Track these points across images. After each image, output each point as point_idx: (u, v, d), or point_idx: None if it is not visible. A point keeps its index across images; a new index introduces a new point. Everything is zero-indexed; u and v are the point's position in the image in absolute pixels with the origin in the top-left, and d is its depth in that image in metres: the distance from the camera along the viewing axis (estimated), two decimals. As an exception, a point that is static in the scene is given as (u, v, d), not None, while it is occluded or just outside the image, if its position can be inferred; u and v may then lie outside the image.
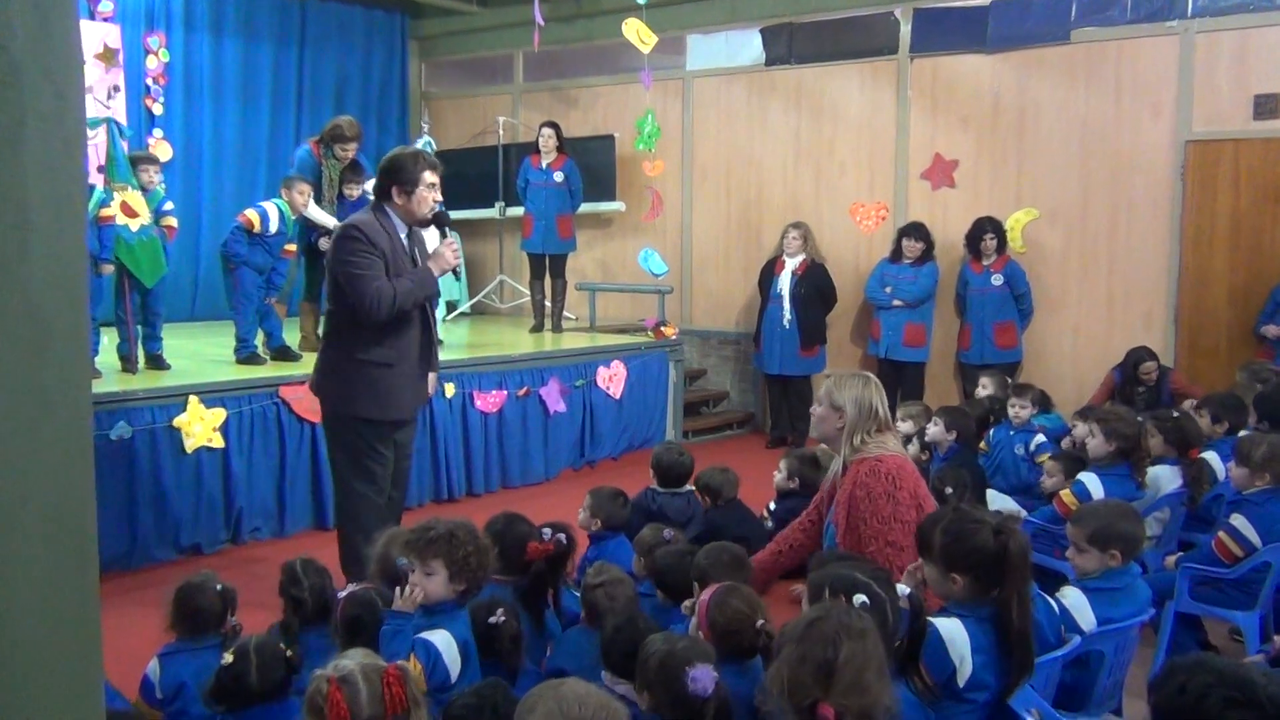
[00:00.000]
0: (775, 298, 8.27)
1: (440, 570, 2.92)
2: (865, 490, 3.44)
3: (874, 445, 3.53)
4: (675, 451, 5.06)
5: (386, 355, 4.25)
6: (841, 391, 3.63)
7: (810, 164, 9.00)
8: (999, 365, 7.77)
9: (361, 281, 4.11)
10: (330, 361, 4.33)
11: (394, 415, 4.33)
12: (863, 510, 3.43)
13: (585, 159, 9.18)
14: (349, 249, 4.14)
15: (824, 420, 3.67)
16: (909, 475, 3.48)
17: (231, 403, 5.63)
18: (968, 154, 8.25)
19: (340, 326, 4.27)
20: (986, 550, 2.68)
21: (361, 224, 4.18)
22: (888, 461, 3.48)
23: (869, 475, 3.46)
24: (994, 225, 7.82)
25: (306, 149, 7.01)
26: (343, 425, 4.33)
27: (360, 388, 4.25)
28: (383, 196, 4.26)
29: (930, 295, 8.04)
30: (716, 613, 2.78)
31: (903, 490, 3.38)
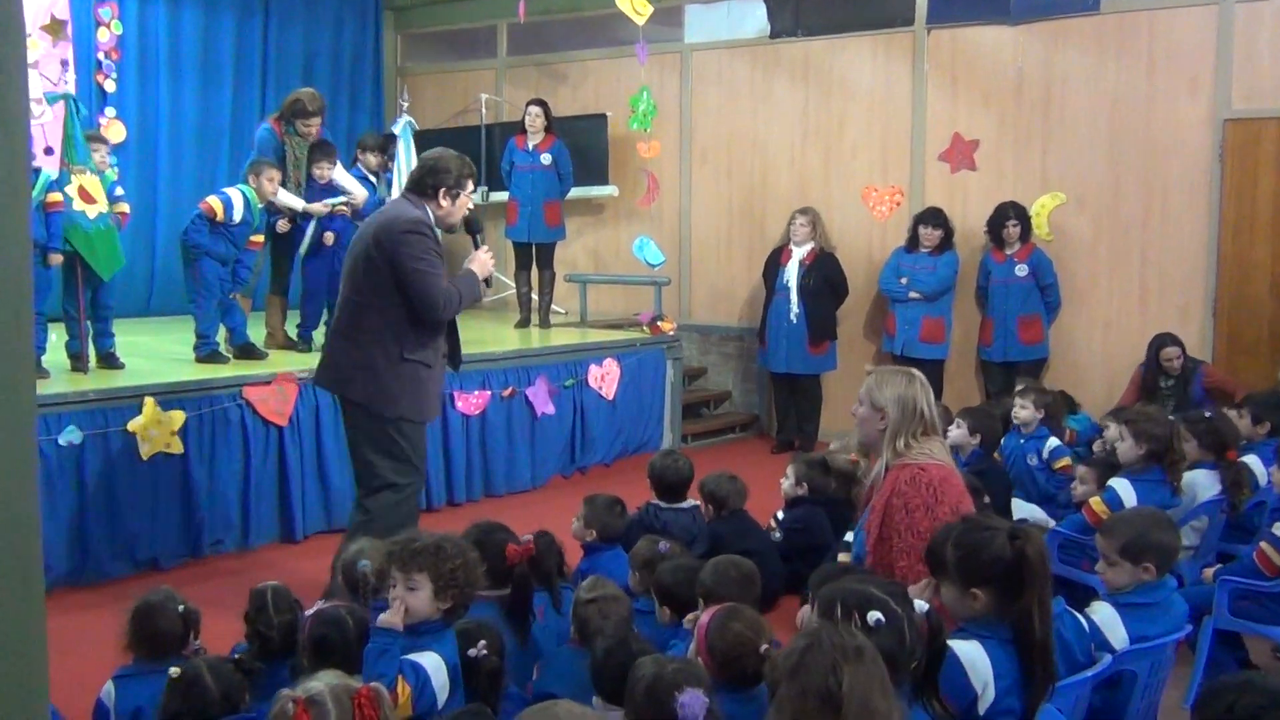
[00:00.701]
0: (781, 290, 8.27)
1: (425, 585, 2.91)
2: (903, 500, 3.42)
3: (918, 451, 3.50)
4: (673, 460, 5.06)
5: (428, 356, 4.50)
6: (882, 389, 3.61)
7: (819, 145, 9.00)
8: (1024, 363, 7.78)
9: (433, 281, 4.35)
10: (367, 360, 4.44)
11: (431, 416, 4.68)
12: (898, 522, 3.41)
13: (575, 140, 9.17)
14: (421, 246, 4.35)
15: (865, 421, 3.66)
16: (953, 489, 3.46)
17: (191, 405, 5.61)
18: (989, 134, 8.26)
19: (383, 324, 4.41)
20: (1004, 559, 2.68)
21: (425, 222, 4.43)
22: (931, 471, 3.45)
23: (909, 484, 3.44)
24: (1018, 211, 7.83)
25: (267, 128, 6.98)
26: (379, 425, 4.47)
27: (404, 388, 4.44)
28: (423, 195, 4.50)
29: (949, 287, 8.05)
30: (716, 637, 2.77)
31: (944, 505, 3.36)
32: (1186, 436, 4.84)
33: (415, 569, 2.91)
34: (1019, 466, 5.82)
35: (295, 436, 5.97)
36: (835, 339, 8.41)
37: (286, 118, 6.94)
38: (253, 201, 6.38)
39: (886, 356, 8.34)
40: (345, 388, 4.51)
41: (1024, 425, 5.87)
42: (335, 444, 6.07)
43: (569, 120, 9.62)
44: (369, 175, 7.41)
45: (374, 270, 4.40)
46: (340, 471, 6.08)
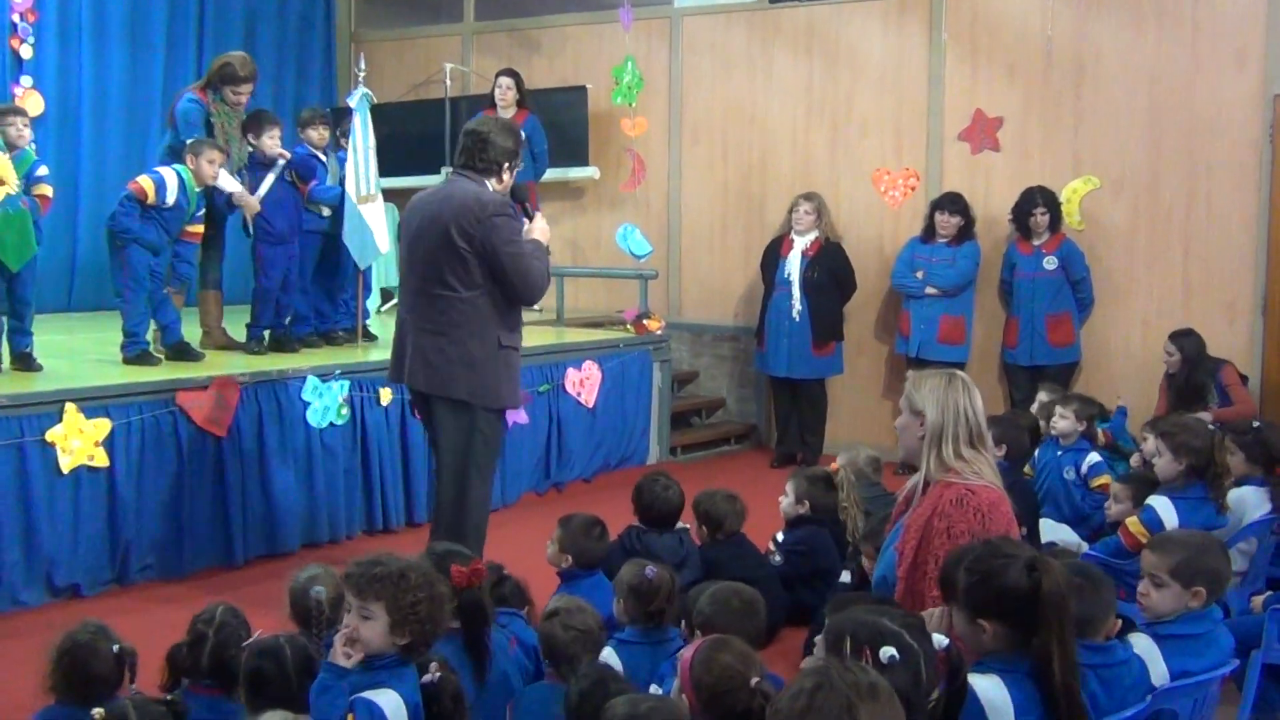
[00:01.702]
0: (782, 284, 8.29)
1: (380, 615, 2.89)
2: (947, 523, 3.40)
3: (967, 469, 3.49)
4: (663, 488, 5.06)
5: (518, 340, 4.91)
6: (920, 391, 3.60)
7: (824, 122, 9.03)
8: (1052, 367, 7.81)
9: (529, 261, 4.71)
10: (465, 355, 4.76)
11: (519, 401, 5.16)
12: (936, 547, 3.38)
13: (551, 115, 9.17)
14: (512, 229, 4.69)
15: (905, 430, 3.65)
16: (1002, 517, 3.44)
17: (118, 412, 5.59)
18: (1015, 111, 8.29)
19: (475, 314, 4.73)
20: (1017, 590, 2.68)
21: (509, 203, 4.78)
22: (981, 495, 3.43)
23: (955, 506, 3.42)
24: (1047, 197, 7.87)
25: (192, 98, 6.89)
26: (480, 419, 4.81)
27: (504, 376, 4.84)
28: (480, 171, 4.80)
29: (970, 281, 8.08)
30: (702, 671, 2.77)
31: (990, 535, 3.35)
32: (1231, 449, 4.86)
33: (372, 596, 2.89)
34: (1053, 481, 5.85)
35: (235, 449, 5.95)
36: (842, 339, 8.43)
37: (214, 85, 6.91)
38: (189, 184, 6.35)
39: (899, 359, 8.37)
40: (448, 387, 4.79)
41: (1063, 436, 5.90)
42: (279, 457, 6.06)
43: (544, 93, 9.62)
44: (316, 153, 7.38)
45: (459, 259, 4.68)
46: (285, 488, 6.08)
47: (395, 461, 6.67)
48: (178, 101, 7.01)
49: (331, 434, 6.35)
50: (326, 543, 6.33)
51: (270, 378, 6.15)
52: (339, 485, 6.40)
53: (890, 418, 8.56)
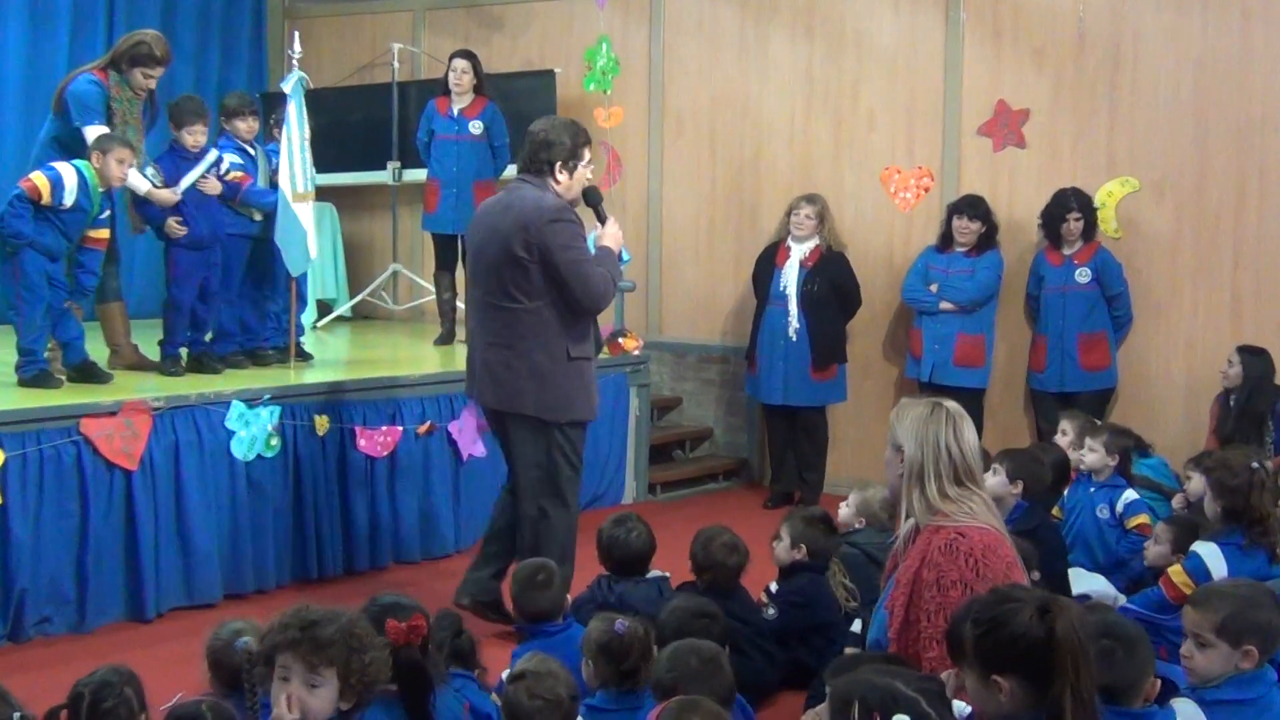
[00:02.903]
0: (777, 298, 8.33)
1: (331, 681, 2.90)
2: (936, 573, 3.41)
3: (956, 508, 3.50)
4: (625, 530, 5.07)
5: (589, 349, 5.44)
6: (901, 424, 3.63)
7: (827, 114, 9.08)
8: (1085, 393, 7.83)
9: (591, 269, 5.22)
10: (533, 368, 5.30)
11: (591, 416, 5.54)
12: (927, 601, 3.39)
13: (514, 104, 9.19)
14: (569, 233, 5.20)
15: (888, 465, 3.68)
16: (999, 560, 3.45)
17: (12, 442, 5.55)
18: (1043, 102, 8.34)
19: (541, 325, 5.26)
20: (1030, 637, 2.68)
21: (567, 207, 5.28)
22: (973, 538, 3.44)
23: (944, 553, 3.43)
24: (1082, 200, 7.88)
25: (91, 79, 6.82)
26: (553, 434, 5.36)
27: (576, 387, 5.35)
28: (539, 174, 5.34)
29: (991, 296, 8.13)
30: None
31: (986, 582, 3.34)
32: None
33: (324, 663, 2.90)
34: (1085, 523, 5.87)
35: (148, 484, 5.92)
36: (845, 362, 8.46)
37: (122, 65, 6.88)
38: (92, 184, 6.32)
39: (910, 384, 8.39)
40: (515, 402, 5.35)
41: (1094, 472, 5.93)
42: (200, 493, 6.04)
43: (506, 78, 9.64)
44: (245, 147, 7.37)
45: (521, 269, 5.21)
46: (205, 530, 6.05)
47: (332, 500, 6.65)
48: (70, 82, 6.86)
49: (259, 468, 6.32)
50: (253, 593, 6.30)
51: (189, 403, 6.13)
52: (267, 527, 6.37)
53: (901, 451, 8.66)
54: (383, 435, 6.84)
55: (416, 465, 7.02)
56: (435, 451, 7.12)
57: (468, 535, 7.26)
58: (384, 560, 6.91)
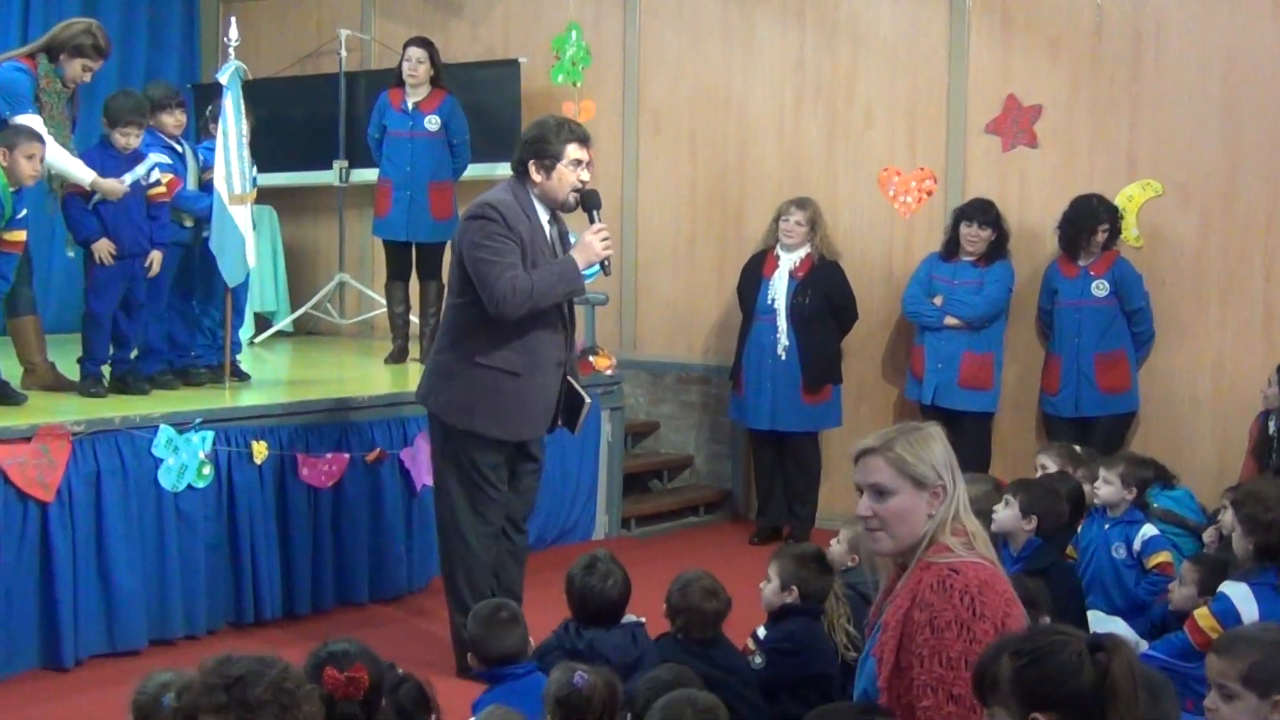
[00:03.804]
0: (765, 313, 8.36)
1: None
2: (928, 614, 3.41)
3: (960, 544, 3.52)
4: (599, 577, 5.03)
5: (514, 362, 5.56)
6: (922, 451, 3.60)
7: (820, 109, 9.12)
8: (1103, 419, 7.86)
9: (493, 269, 5.40)
10: (444, 365, 5.70)
11: (515, 434, 5.67)
12: (919, 645, 3.40)
13: (474, 97, 9.21)
14: (483, 231, 5.45)
15: (906, 513, 3.65)
16: (997, 596, 3.46)
17: (-87, 471, 5.54)
18: (1057, 97, 8.39)
19: (462, 325, 5.59)
20: (1081, 675, 2.70)
21: (499, 203, 5.52)
22: (966, 573, 3.44)
23: (936, 592, 3.43)
24: (1111, 211, 7.90)
25: (19, 67, 6.81)
26: (454, 444, 5.67)
27: (478, 398, 5.56)
28: (517, 172, 5.64)
29: (1001, 311, 8.16)
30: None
31: (984, 621, 3.37)
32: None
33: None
34: (1100, 563, 5.88)
35: (65, 518, 5.90)
36: (840, 382, 8.49)
37: (59, 55, 6.87)
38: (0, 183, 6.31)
39: (910, 407, 8.43)
40: (427, 399, 5.76)
41: (1109, 507, 5.95)
42: (123, 527, 6.02)
43: (466, 69, 9.66)
44: (172, 144, 7.36)
45: (458, 265, 5.58)
46: (129, 568, 6.03)
47: (270, 535, 6.64)
48: None
49: (190, 500, 6.31)
50: (182, 639, 6.28)
51: (112, 427, 6.12)
52: (198, 565, 6.36)
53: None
54: (327, 463, 6.84)
55: (365, 496, 7.01)
56: (386, 481, 7.11)
57: (421, 574, 7.26)
58: (328, 602, 6.90)
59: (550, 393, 5.76)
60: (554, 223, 5.78)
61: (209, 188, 7.18)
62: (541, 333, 5.63)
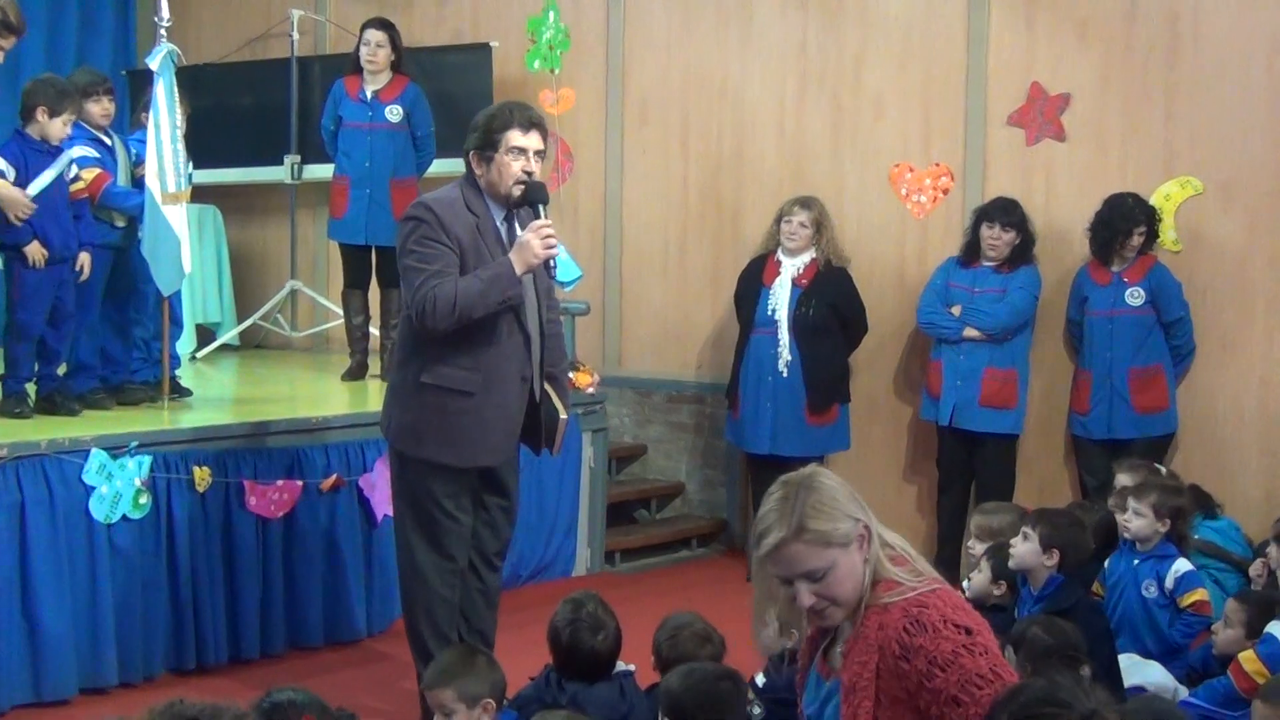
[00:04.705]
0: (765, 324, 8.37)
1: None
2: (924, 658, 3.39)
3: (903, 570, 3.51)
4: (584, 622, 4.99)
5: (466, 380, 5.44)
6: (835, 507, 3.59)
7: (824, 99, 9.14)
8: (1139, 441, 7.87)
9: (416, 277, 5.33)
10: (395, 386, 5.69)
11: (471, 460, 5.54)
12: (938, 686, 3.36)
13: (440, 85, 9.22)
14: (413, 234, 5.40)
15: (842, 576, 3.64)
16: (970, 610, 3.50)
17: None
18: (1086, 86, 8.41)
19: (410, 340, 5.53)
20: None
21: (434, 202, 5.45)
22: (934, 603, 3.43)
23: (916, 634, 3.39)
24: (1146, 211, 7.89)
25: None
26: (409, 473, 5.58)
27: (428, 421, 5.47)
28: (468, 166, 5.55)
29: (1026, 322, 8.16)
30: None
31: (982, 634, 3.38)
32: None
33: None
34: (1129, 602, 5.88)
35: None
36: (847, 402, 8.50)
37: None
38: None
39: (926, 429, 8.45)
40: (383, 424, 5.74)
41: (1139, 541, 5.95)
42: (51, 563, 5.99)
43: (431, 54, 9.69)
44: (100, 136, 7.35)
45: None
46: (57, 608, 6.00)
47: (215, 571, 6.62)
48: None
49: (125, 532, 6.29)
50: (116, 687, 6.26)
51: (37, 452, 6.10)
52: (134, 605, 6.34)
53: (915, 506, 8.71)
54: (278, 492, 6.82)
55: (320, 529, 7.01)
56: (343, 512, 7.11)
57: (382, 615, 7.25)
58: (278, 646, 6.88)
59: (512, 412, 5.60)
60: (508, 221, 5.58)
61: (142, 184, 7.17)
62: (496, 344, 5.47)
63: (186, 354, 9.08)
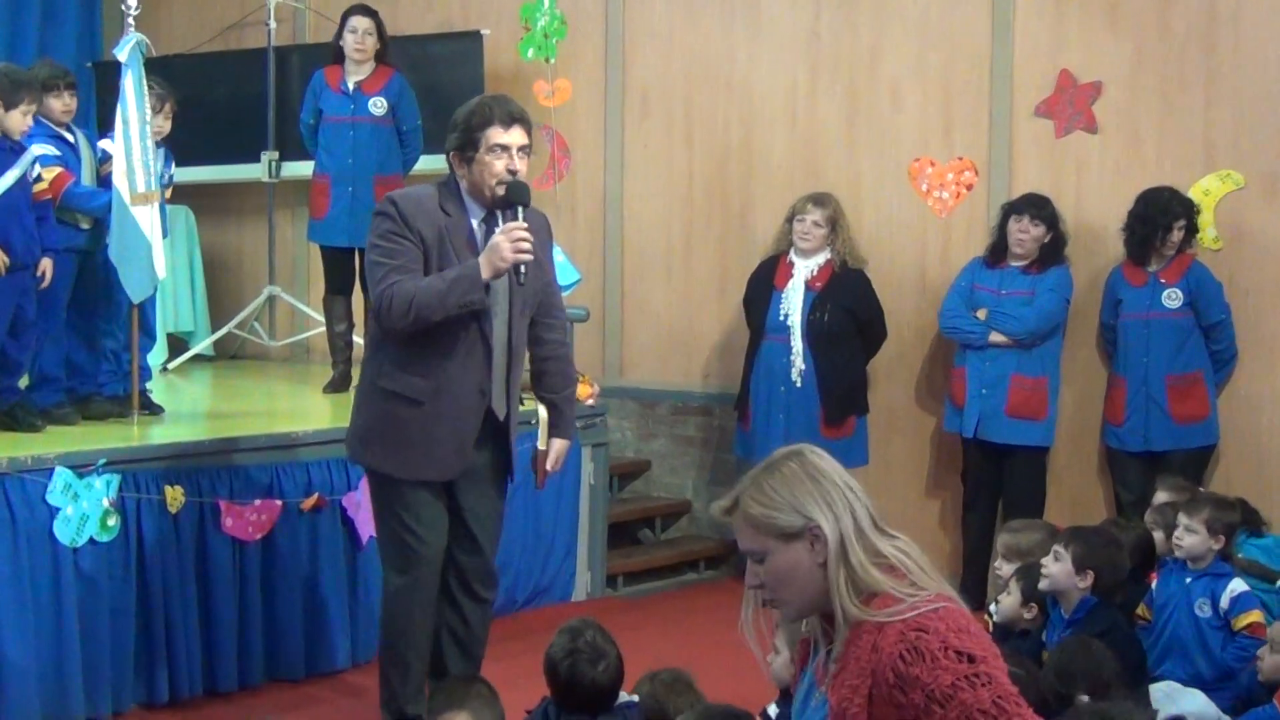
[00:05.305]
0: (777, 330, 8.38)
1: None
2: (922, 691, 3.37)
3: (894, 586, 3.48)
4: (584, 654, 4.95)
5: (417, 387, 5.49)
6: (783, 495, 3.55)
7: (838, 89, 9.15)
8: (1177, 453, 7.86)
9: (377, 273, 5.42)
10: (358, 390, 5.82)
11: (414, 473, 5.54)
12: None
13: (428, 76, 9.23)
14: (378, 229, 5.49)
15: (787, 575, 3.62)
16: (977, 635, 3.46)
17: None
18: (1119, 74, 8.40)
19: (372, 341, 5.68)
20: None
21: (402, 197, 5.57)
22: (935, 627, 3.40)
23: (914, 663, 3.37)
24: (1186, 205, 7.89)
25: None
26: (373, 486, 5.75)
27: (377, 428, 5.59)
28: (451, 168, 5.64)
29: (1057, 326, 8.17)
30: None
31: (985, 662, 3.35)
32: None
33: None
34: (1180, 624, 5.87)
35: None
36: (865, 413, 8.52)
37: None
38: None
39: (950, 441, 8.45)
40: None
41: (1191, 559, 5.94)
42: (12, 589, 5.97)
43: (419, 42, 9.71)
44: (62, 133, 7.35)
45: None
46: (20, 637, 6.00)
47: (188, 598, 6.62)
48: None
49: (92, 556, 6.28)
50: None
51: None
52: (103, 634, 6.33)
53: (939, 524, 8.71)
54: (255, 512, 6.82)
55: (300, 552, 7.00)
56: (325, 533, 7.11)
57: (366, 643, 7.23)
58: (256, 677, 6.87)
59: (464, 427, 5.56)
60: (487, 224, 5.57)
61: (108, 183, 7.16)
62: (454, 353, 5.49)
63: (158, 365, 9.07)
